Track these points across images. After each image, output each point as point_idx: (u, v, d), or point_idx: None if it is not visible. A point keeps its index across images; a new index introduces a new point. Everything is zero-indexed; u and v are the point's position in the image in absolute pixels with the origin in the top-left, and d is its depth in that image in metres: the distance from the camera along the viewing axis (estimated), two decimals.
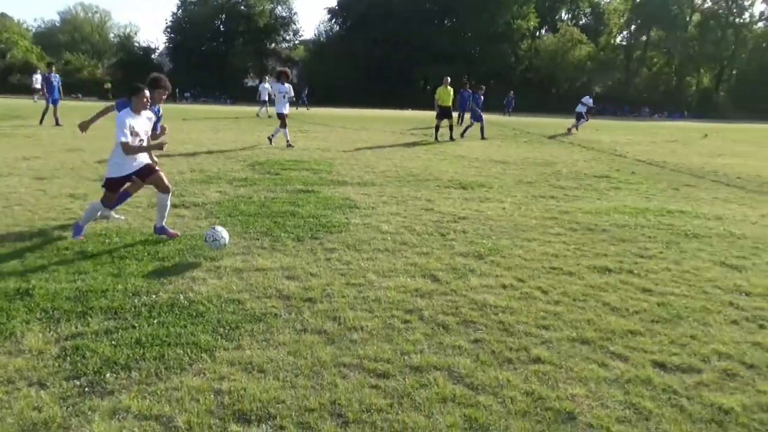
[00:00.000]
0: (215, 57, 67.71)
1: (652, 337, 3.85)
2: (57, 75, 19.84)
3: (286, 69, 14.81)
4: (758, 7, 67.51)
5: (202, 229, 6.16)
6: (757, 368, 3.47)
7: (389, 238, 6.09)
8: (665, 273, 5.25)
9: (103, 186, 5.78)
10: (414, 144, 17.23)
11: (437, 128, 18.51)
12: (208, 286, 4.52)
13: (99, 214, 5.93)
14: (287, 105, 14.68)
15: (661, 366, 3.46)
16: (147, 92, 5.62)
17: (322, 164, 11.37)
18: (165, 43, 74.51)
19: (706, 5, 66.92)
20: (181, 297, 4.24)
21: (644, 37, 68.23)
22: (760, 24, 67.21)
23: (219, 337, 3.62)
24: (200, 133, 17.88)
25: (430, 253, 5.61)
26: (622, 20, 70.18)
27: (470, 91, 21.91)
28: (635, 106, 61.90)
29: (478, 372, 3.31)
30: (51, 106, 18.95)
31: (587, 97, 25.04)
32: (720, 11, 65.62)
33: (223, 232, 5.23)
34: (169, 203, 5.77)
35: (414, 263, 5.28)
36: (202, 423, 2.71)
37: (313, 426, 2.73)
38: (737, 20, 65.72)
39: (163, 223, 5.80)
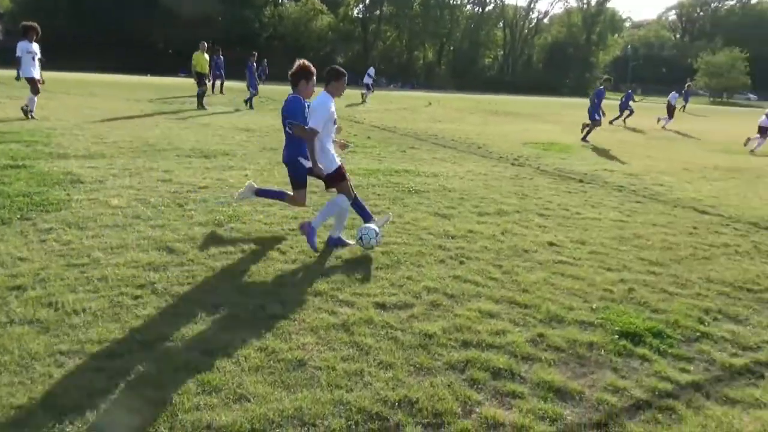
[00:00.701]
0: None
1: (375, 283, 4.31)
2: None
3: (35, 24, 11.96)
4: None
5: None
6: (456, 297, 4.14)
7: (120, 212, 5.63)
8: (390, 225, 5.87)
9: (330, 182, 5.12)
10: (154, 113, 15.99)
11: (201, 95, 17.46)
12: None
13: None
14: (37, 68, 12.10)
15: (382, 306, 3.91)
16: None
17: (36, 135, 9.87)
18: None
19: None
20: None
21: (378, 12, 73.33)
22: (469, 6, 77.69)
23: None
24: None
25: (166, 225, 5.35)
26: None
27: (222, 57, 21.01)
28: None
29: (213, 337, 3.32)
30: None
31: (372, 69, 26.87)
32: None
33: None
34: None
35: (147, 237, 4.98)
36: None
37: (21, 423, 2.45)
38: (452, 1, 74.78)
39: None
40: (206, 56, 17.86)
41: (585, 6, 77.30)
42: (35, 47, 11.98)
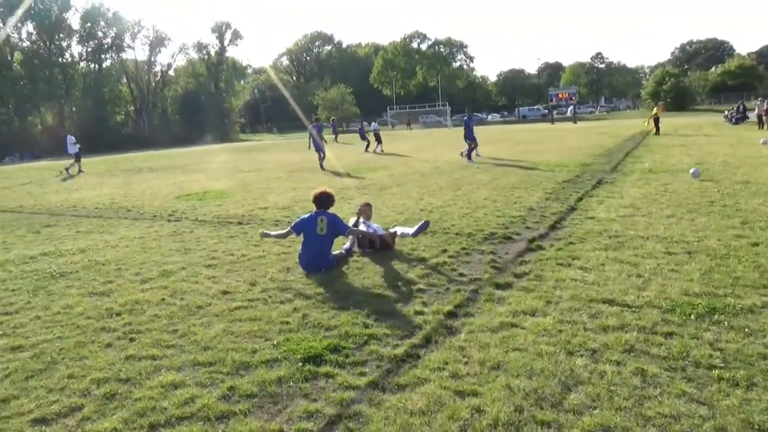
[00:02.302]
0: None
1: (27, 396, 3.60)
2: None
3: None
4: (76, 48, 71.10)
5: None
6: (132, 380, 3.76)
7: None
8: (35, 322, 5.00)
9: None
10: None
11: None
12: None
13: None
14: None
15: (42, 421, 3.29)
16: None
17: None
18: None
19: (25, 44, 66.15)
20: None
21: None
22: (83, 63, 71.66)
23: None
24: None
25: None
26: None
27: None
28: None
29: None
30: None
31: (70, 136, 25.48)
32: (41, 51, 66.12)
33: None
34: None
35: None
36: None
37: None
38: (61, 60, 67.86)
39: None
40: None
41: (206, 57, 79.89)
42: None
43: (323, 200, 6.53)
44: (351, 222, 7.06)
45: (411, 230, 6.98)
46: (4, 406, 3.48)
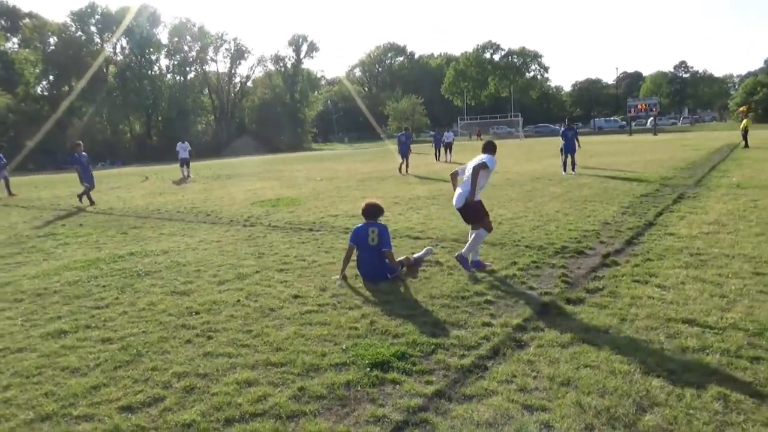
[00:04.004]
0: None
1: (115, 384, 3.86)
2: None
3: None
4: (164, 61, 75.72)
5: None
6: (210, 375, 3.95)
7: None
8: (123, 317, 5.35)
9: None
10: None
11: None
12: None
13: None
14: None
15: (128, 409, 3.52)
16: None
17: None
18: None
19: (118, 58, 70.92)
20: None
21: (66, 88, 66.90)
22: (170, 75, 76.01)
23: None
24: None
25: None
26: (37, 70, 66.83)
27: None
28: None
29: None
30: None
31: (181, 143, 27.15)
32: (132, 64, 70.69)
33: None
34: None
35: None
36: None
37: None
38: (150, 72, 72.31)
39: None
40: None
41: (283, 69, 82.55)
42: None
43: (370, 212, 6.65)
44: None
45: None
46: (96, 393, 3.74)
